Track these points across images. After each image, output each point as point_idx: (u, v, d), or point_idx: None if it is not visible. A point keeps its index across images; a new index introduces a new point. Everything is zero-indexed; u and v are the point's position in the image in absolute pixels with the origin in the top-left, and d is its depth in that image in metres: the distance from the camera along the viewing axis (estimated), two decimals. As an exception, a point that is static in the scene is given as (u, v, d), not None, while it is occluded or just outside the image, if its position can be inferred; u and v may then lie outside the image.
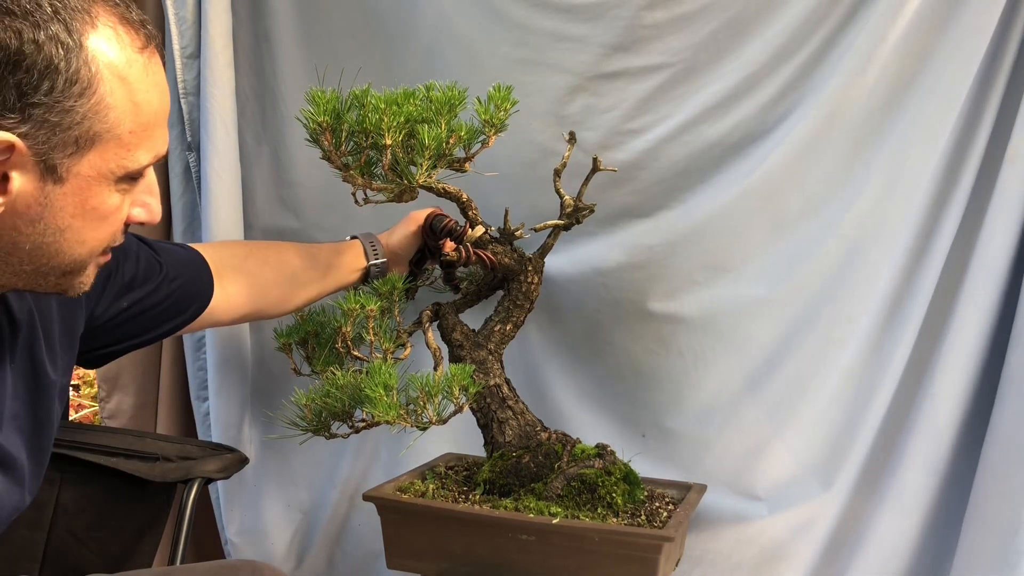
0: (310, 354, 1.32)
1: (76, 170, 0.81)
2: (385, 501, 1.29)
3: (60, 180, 0.81)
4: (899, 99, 1.47)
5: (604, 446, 1.35)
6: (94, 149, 0.81)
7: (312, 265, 1.38)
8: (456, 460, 1.51)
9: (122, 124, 0.82)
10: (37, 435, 0.99)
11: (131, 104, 0.82)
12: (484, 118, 1.18)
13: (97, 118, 0.80)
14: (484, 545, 1.24)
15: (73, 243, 0.85)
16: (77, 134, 0.80)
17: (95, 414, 2.72)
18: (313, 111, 1.14)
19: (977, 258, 1.48)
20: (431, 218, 1.40)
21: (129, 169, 0.84)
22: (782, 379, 1.56)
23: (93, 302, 1.08)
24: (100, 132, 0.81)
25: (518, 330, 1.36)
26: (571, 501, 1.26)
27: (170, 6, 1.53)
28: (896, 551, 1.54)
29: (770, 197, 1.51)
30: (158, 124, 0.86)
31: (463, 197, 1.27)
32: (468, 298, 1.40)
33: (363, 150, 1.15)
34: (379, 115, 1.12)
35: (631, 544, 1.19)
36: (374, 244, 1.43)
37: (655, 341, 1.57)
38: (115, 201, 0.85)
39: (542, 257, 1.36)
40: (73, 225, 0.84)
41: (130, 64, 0.82)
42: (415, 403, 1.13)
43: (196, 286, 1.23)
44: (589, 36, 1.48)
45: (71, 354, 1.06)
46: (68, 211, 0.83)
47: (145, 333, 1.19)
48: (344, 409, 1.20)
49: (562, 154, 1.32)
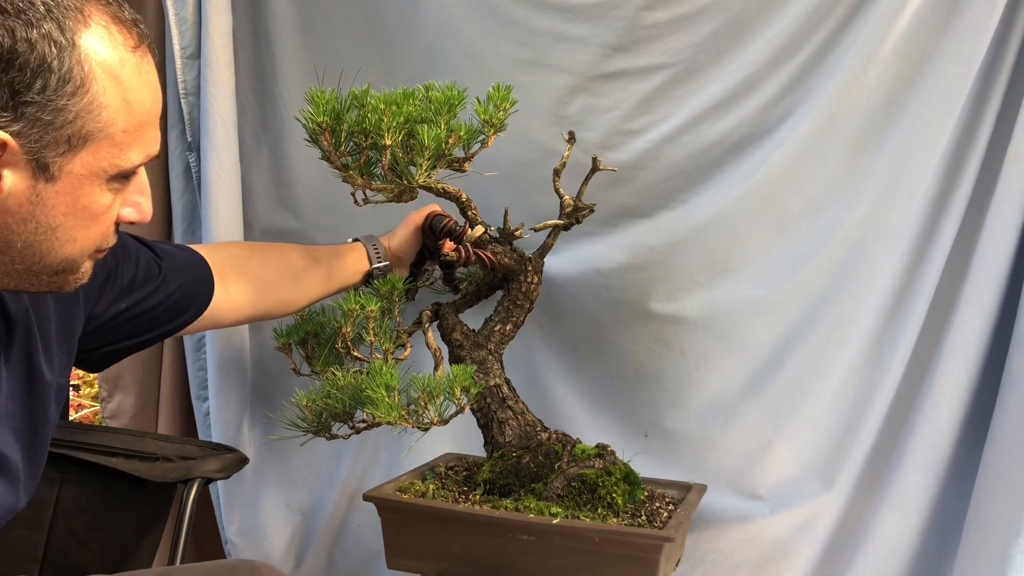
0: (310, 354, 1.32)
1: (68, 169, 0.81)
2: (385, 501, 1.28)
3: (52, 179, 0.81)
4: (900, 100, 1.47)
5: (604, 446, 1.34)
6: (86, 148, 0.81)
7: (315, 267, 1.38)
8: (456, 460, 1.50)
9: (115, 123, 0.82)
10: (33, 436, 0.99)
11: (124, 103, 0.82)
12: (483, 118, 1.18)
13: (90, 117, 0.80)
14: (484, 545, 1.24)
15: (64, 241, 0.85)
16: (70, 133, 0.80)
17: (95, 414, 2.72)
18: (312, 111, 1.14)
19: (978, 258, 1.48)
20: (430, 218, 1.40)
21: (122, 168, 0.84)
22: (783, 379, 1.56)
23: (92, 303, 1.08)
24: (93, 131, 0.81)
25: (518, 330, 1.36)
26: (571, 501, 1.26)
27: (170, 6, 1.53)
28: (897, 551, 1.54)
29: (771, 198, 1.51)
30: (151, 124, 0.86)
31: (462, 197, 1.27)
32: (468, 298, 1.40)
33: (363, 150, 1.15)
34: (379, 115, 1.12)
35: (631, 544, 1.19)
36: (376, 247, 1.43)
37: (657, 341, 1.57)
38: (106, 200, 0.85)
39: (542, 257, 1.36)
40: (64, 224, 0.84)
41: (123, 63, 0.82)
42: (416, 404, 1.13)
43: (196, 287, 1.23)
44: (589, 36, 1.48)
45: (69, 354, 1.05)
46: (60, 209, 0.83)
47: (145, 334, 1.19)
48: (345, 410, 1.19)
49: (562, 154, 1.32)
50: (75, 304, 1.04)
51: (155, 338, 1.22)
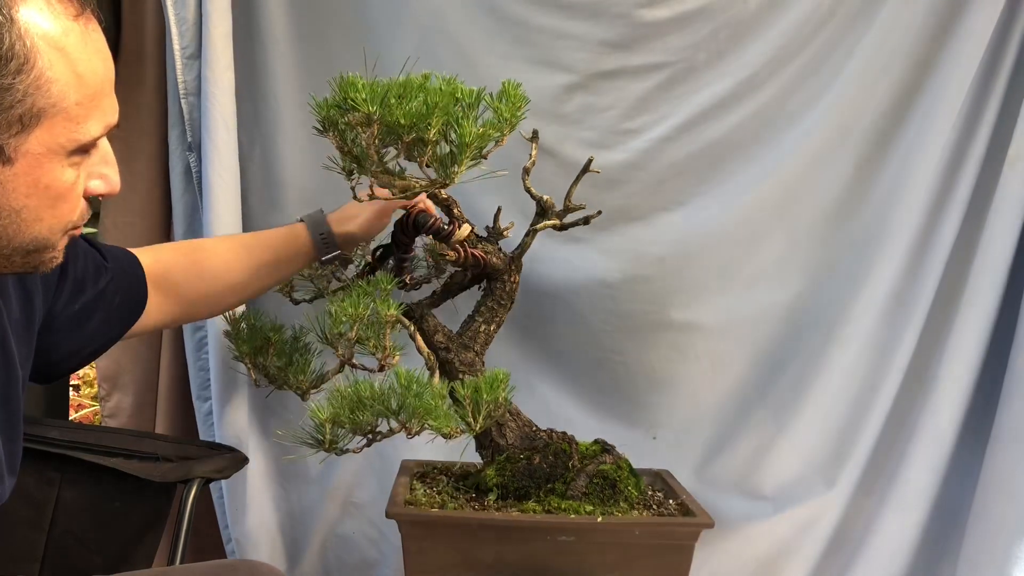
0: (268, 364, 1.28)
1: (24, 149, 0.78)
2: (411, 517, 1.22)
3: (8, 161, 0.78)
4: (901, 103, 1.47)
5: (603, 442, 1.35)
6: (40, 126, 0.78)
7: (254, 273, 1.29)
8: (421, 466, 1.44)
9: (67, 97, 0.79)
10: (10, 427, 0.97)
11: (73, 75, 0.79)
12: (504, 116, 1.13)
13: (39, 93, 0.77)
14: (518, 551, 1.21)
15: (31, 222, 0.82)
16: (20, 112, 0.77)
17: (95, 414, 2.72)
18: (354, 100, 1.04)
19: (979, 259, 1.48)
20: (415, 214, 1.32)
21: (80, 142, 0.81)
22: (788, 380, 1.56)
23: (51, 299, 1.05)
24: (44, 107, 0.78)
25: (499, 329, 1.33)
26: (596, 498, 1.26)
27: (171, 7, 1.53)
28: (900, 549, 1.54)
29: (778, 202, 1.51)
30: (105, 93, 0.83)
31: (441, 195, 1.23)
32: (436, 298, 1.35)
33: (401, 143, 1.07)
34: (428, 106, 1.04)
35: (671, 534, 1.21)
36: (325, 237, 1.32)
37: (672, 348, 1.57)
38: (69, 177, 0.83)
39: (520, 257, 1.33)
40: (28, 205, 0.81)
41: (67, 33, 0.78)
42: (460, 411, 1.10)
43: (136, 290, 1.18)
44: (588, 34, 1.48)
45: (29, 347, 1.02)
46: (22, 191, 0.80)
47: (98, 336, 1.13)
48: (371, 422, 1.12)
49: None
50: (36, 298, 1.02)
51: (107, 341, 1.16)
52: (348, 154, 1.10)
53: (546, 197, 1.30)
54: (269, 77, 1.61)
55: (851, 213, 1.52)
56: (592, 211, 1.32)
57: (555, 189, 1.35)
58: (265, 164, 1.65)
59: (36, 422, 1.31)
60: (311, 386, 1.29)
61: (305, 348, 1.31)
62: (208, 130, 1.53)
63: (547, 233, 1.33)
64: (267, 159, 1.64)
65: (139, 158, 1.62)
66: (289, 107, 1.60)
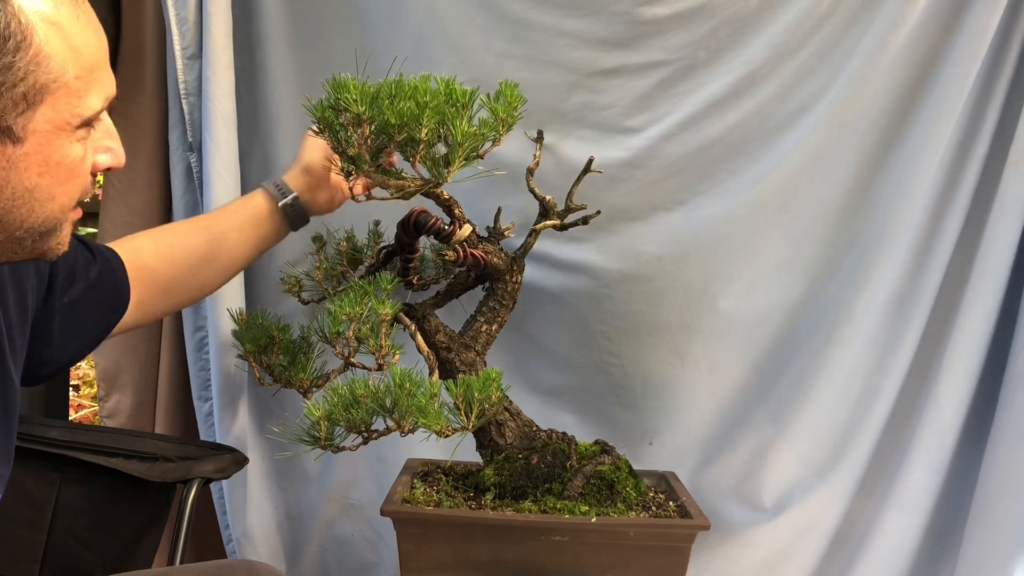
0: (273, 363, 1.28)
1: (32, 127, 0.80)
2: (406, 514, 1.23)
3: (18, 140, 0.79)
4: (902, 102, 1.47)
5: (603, 442, 1.34)
6: (45, 102, 0.80)
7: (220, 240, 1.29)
8: (423, 465, 1.45)
9: (66, 71, 0.80)
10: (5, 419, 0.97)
11: (70, 49, 0.80)
12: (501, 116, 1.13)
13: (40, 70, 0.79)
14: (514, 551, 1.21)
15: (44, 201, 0.83)
16: (24, 90, 0.78)
17: (94, 414, 2.72)
18: (345, 100, 1.05)
19: (980, 259, 1.48)
20: (416, 215, 1.32)
21: (84, 116, 0.82)
22: (787, 381, 1.56)
23: (44, 290, 1.06)
24: (46, 83, 0.79)
25: (500, 330, 1.33)
26: (592, 498, 1.26)
27: (171, 7, 1.53)
28: (900, 550, 1.54)
29: (778, 202, 1.51)
30: (102, 65, 0.84)
31: (443, 195, 1.23)
32: (439, 298, 1.36)
33: (392, 142, 1.07)
34: (419, 106, 1.04)
35: (667, 536, 1.20)
36: (280, 186, 1.32)
37: (669, 351, 1.57)
38: (78, 152, 0.84)
39: (523, 257, 1.33)
40: (41, 184, 0.82)
41: (58, 8, 0.80)
42: (452, 410, 1.10)
43: (121, 283, 1.18)
44: (587, 32, 1.48)
45: (24, 337, 1.03)
46: (33, 170, 0.81)
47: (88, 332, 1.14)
48: (366, 420, 1.13)
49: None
50: (29, 292, 1.02)
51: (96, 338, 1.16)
52: (343, 154, 1.10)
53: (549, 197, 1.30)
54: (269, 77, 1.61)
55: (852, 213, 1.51)
56: (592, 211, 1.32)
57: (554, 188, 1.35)
58: (265, 164, 1.65)
59: (36, 422, 1.31)
60: (313, 384, 1.29)
61: (309, 347, 1.32)
62: (209, 130, 1.53)
63: (546, 233, 1.34)
64: (267, 159, 1.64)
65: (139, 158, 1.62)
66: (289, 107, 1.60)
